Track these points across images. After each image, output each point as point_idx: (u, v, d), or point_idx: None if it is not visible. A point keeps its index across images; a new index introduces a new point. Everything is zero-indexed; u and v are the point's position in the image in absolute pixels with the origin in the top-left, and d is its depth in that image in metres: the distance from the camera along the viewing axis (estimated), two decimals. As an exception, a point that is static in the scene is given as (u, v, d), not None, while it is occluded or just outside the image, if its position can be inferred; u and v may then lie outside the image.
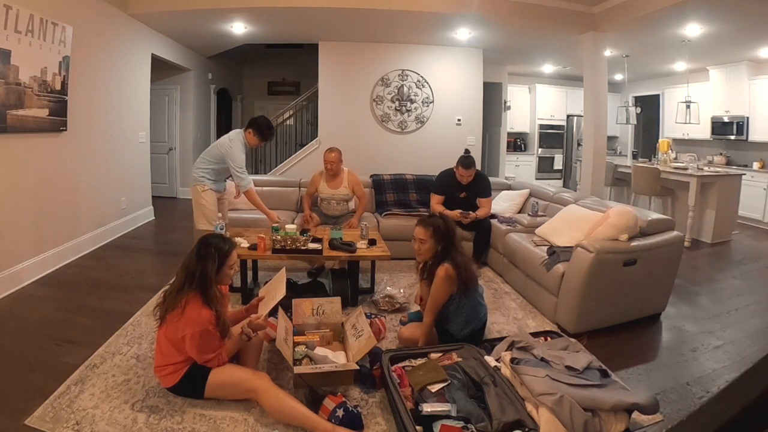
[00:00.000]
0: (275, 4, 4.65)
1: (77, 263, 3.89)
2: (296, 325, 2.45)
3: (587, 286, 2.65)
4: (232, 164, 3.27)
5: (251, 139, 3.37)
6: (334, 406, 1.84)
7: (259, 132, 3.36)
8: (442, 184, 4.08)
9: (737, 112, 6.40)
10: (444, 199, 4.04)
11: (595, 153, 5.37)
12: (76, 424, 1.82)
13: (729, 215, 5.17)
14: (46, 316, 2.85)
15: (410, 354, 2.18)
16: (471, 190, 3.98)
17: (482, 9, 4.74)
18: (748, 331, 2.88)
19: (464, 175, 3.87)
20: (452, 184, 4.01)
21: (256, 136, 3.37)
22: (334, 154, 3.81)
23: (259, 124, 3.37)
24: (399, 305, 3.02)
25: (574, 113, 8.63)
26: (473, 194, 4.00)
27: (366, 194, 4.07)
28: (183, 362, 1.92)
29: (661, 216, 3.18)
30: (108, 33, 4.47)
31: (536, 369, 1.92)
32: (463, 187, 3.97)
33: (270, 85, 9.36)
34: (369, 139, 6.49)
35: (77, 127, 3.93)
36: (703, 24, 4.62)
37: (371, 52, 6.36)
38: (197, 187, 3.34)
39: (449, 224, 2.44)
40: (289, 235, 2.96)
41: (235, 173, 3.30)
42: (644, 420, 1.92)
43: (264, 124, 3.39)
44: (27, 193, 3.41)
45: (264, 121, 3.41)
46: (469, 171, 3.85)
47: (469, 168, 3.84)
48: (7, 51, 3.02)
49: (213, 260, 1.92)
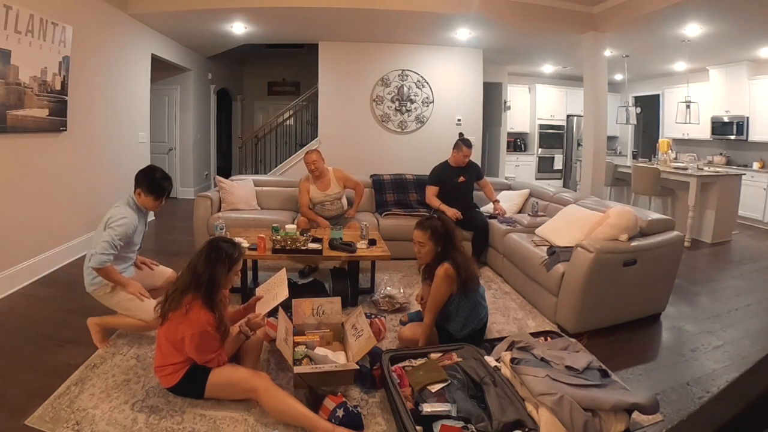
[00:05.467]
0: (275, 4, 4.65)
1: (77, 263, 3.87)
2: (296, 325, 2.44)
3: (587, 286, 2.65)
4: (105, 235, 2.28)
5: (144, 200, 2.46)
6: (334, 406, 1.84)
7: (151, 185, 2.43)
8: (437, 174, 4.16)
9: (737, 112, 6.40)
10: (439, 190, 4.10)
11: (595, 153, 5.37)
12: (76, 424, 1.82)
13: (729, 215, 5.17)
14: (46, 316, 2.85)
15: (410, 354, 2.17)
16: (468, 173, 4.13)
17: (482, 9, 4.74)
18: (748, 331, 2.88)
19: (468, 155, 4.06)
20: (449, 172, 4.11)
21: (149, 195, 2.44)
22: (314, 155, 3.80)
23: (146, 176, 2.44)
24: (399, 305, 3.02)
25: (574, 113, 8.62)
26: (472, 177, 4.17)
27: (360, 183, 4.07)
28: (183, 362, 1.92)
29: (661, 216, 3.17)
30: (108, 33, 4.47)
31: (536, 369, 1.92)
32: (460, 171, 4.08)
33: (270, 85, 9.36)
34: (369, 139, 6.49)
35: (77, 127, 3.93)
36: (703, 24, 4.62)
37: (371, 52, 6.36)
38: (99, 291, 2.40)
39: (448, 225, 2.44)
40: (289, 235, 2.96)
41: (100, 245, 2.25)
42: (644, 420, 1.92)
43: (150, 175, 2.45)
44: (27, 193, 3.41)
45: (151, 172, 2.48)
46: (471, 150, 4.09)
47: (471, 147, 4.10)
48: (7, 51, 3.02)
49: (223, 266, 1.93)
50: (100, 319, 2.47)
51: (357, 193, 4.05)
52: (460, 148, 4.04)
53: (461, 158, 4.05)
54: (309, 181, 3.87)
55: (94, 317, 2.48)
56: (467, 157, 4.05)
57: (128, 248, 2.48)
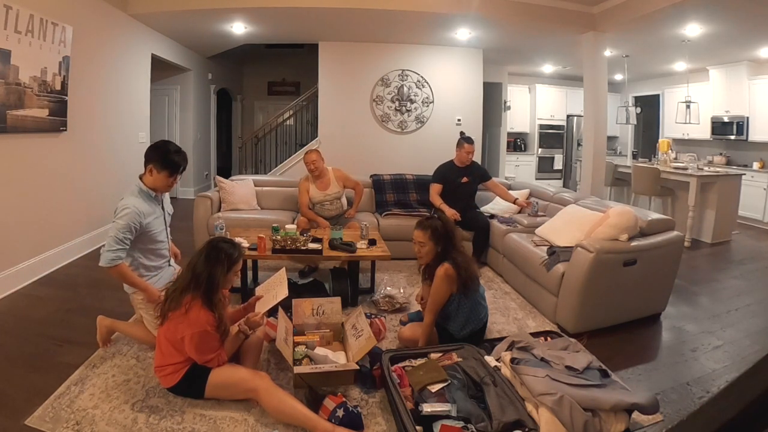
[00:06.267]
0: (275, 4, 4.65)
1: (77, 263, 3.89)
2: (296, 325, 2.44)
3: (587, 286, 2.65)
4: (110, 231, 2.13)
5: (156, 178, 2.24)
6: (334, 406, 1.84)
7: (164, 160, 2.22)
8: (441, 173, 4.17)
9: (737, 112, 6.40)
10: (443, 188, 4.10)
11: (595, 153, 5.37)
12: (76, 424, 1.82)
13: (729, 215, 5.17)
14: (46, 316, 2.85)
15: (410, 354, 2.18)
16: (472, 174, 4.12)
17: (482, 9, 4.74)
18: (748, 331, 2.88)
19: (470, 151, 4.06)
20: (452, 171, 4.12)
21: (162, 171, 2.22)
22: (314, 155, 3.80)
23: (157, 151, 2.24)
24: (399, 305, 3.02)
25: (574, 113, 8.63)
26: (476, 178, 4.15)
27: (359, 183, 4.08)
28: (183, 362, 1.92)
29: (661, 216, 3.17)
30: (108, 33, 4.47)
31: (536, 369, 1.92)
32: (463, 172, 4.09)
33: (270, 85, 9.36)
34: (369, 139, 6.49)
35: (77, 127, 3.93)
36: (703, 24, 4.62)
37: (371, 52, 6.36)
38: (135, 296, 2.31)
39: (448, 225, 2.44)
40: (289, 235, 2.96)
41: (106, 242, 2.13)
42: (644, 420, 1.92)
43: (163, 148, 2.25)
44: (27, 193, 3.41)
45: (163, 145, 2.28)
46: (473, 146, 4.10)
47: (473, 143, 4.10)
48: (7, 51, 3.02)
49: (222, 266, 1.93)
50: (110, 322, 2.43)
51: (357, 193, 4.05)
52: (462, 146, 4.06)
53: (464, 156, 4.06)
54: (309, 180, 3.87)
55: (106, 317, 2.44)
56: (470, 153, 4.06)
57: (152, 245, 2.26)
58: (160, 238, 2.32)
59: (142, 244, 2.23)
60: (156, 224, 2.28)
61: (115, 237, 2.09)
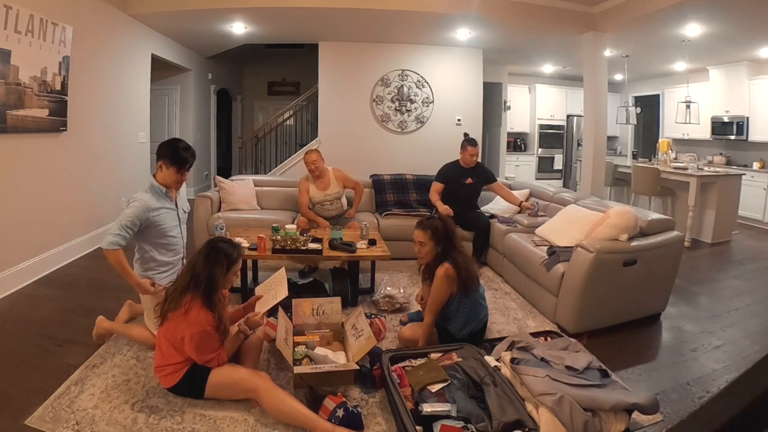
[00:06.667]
0: (275, 4, 4.65)
1: (77, 263, 3.89)
2: (296, 325, 2.44)
3: (587, 286, 2.65)
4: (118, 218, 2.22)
5: (165, 174, 2.32)
6: (334, 406, 1.84)
7: (173, 156, 2.29)
8: (445, 172, 4.16)
9: (737, 112, 6.40)
10: (444, 187, 4.09)
11: (595, 153, 5.37)
12: (76, 424, 1.82)
13: (729, 215, 5.17)
14: (46, 316, 2.85)
15: (410, 354, 2.18)
16: (477, 175, 4.10)
17: (482, 9, 4.74)
18: (748, 331, 2.88)
19: (474, 153, 4.03)
20: (457, 172, 4.10)
21: (171, 166, 2.30)
22: (314, 155, 3.80)
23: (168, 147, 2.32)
24: (399, 305, 3.02)
25: (574, 113, 8.62)
26: (480, 180, 4.13)
27: (359, 183, 4.08)
28: (183, 362, 1.92)
29: (661, 216, 3.18)
30: (108, 33, 4.47)
31: (536, 369, 1.92)
32: (468, 173, 4.07)
33: (270, 85, 9.36)
34: (369, 139, 6.49)
35: (77, 127, 3.93)
36: (703, 24, 4.62)
37: (371, 52, 6.36)
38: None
39: (448, 225, 2.45)
40: (289, 235, 2.96)
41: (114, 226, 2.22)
42: (644, 420, 1.92)
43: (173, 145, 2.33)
44: (27, 193, 3.41)
45: (173, 142, 2.36)
46: (477, 149, 4.07)
47: (476, 145, 4.07)
48: (7, 51, 3.02)
49: (221, 266, 1.93)
50: (110, 325, 2.47)
51: (357, 193, 4.05)
52: (465, 148, 4.04)
53: (468, 158, 4.04)
54: (309, 181, 3.87)
55: (106, 319, 2.49)
56: (473, 156, 4.04)
57: (163, 239, 2.31)
58: (171, 233, 2.38)
59: (153, 237, 2.31)
60: (167, 219, 2.34)
61: (120, 223, 2.18)
